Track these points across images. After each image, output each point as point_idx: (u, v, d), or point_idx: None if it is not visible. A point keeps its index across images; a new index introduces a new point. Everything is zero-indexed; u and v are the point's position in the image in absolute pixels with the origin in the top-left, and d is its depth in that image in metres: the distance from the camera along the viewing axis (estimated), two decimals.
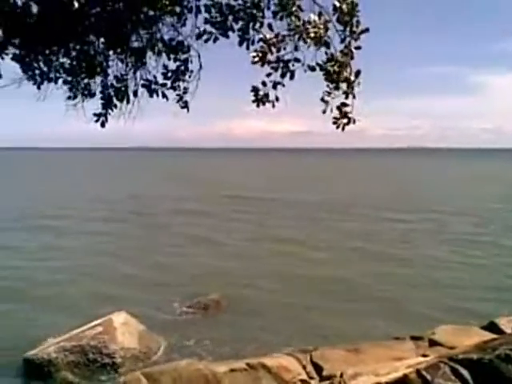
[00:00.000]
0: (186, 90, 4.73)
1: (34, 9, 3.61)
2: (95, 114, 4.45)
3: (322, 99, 3.94)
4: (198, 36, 4.21)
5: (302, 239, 25.64)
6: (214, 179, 70.97)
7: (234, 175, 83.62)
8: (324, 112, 3.94)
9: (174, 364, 10.32)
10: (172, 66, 4.61)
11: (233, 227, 29.45)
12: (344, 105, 3.98)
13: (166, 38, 4.54)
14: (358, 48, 3.92)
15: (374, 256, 22.25)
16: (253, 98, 4.25)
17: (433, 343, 10.55)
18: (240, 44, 4.22)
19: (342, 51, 3.92)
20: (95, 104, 4.53)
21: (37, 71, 4.28)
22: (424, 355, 9.16)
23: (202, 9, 4.32)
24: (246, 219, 32.54)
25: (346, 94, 3.96)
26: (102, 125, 4.46)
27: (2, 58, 4.06)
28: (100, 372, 11.04)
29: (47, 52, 4.19)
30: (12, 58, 4.12)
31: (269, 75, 4.17)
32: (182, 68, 4.62)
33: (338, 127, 4.02)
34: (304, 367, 10.12)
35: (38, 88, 4.34)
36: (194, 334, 13.14)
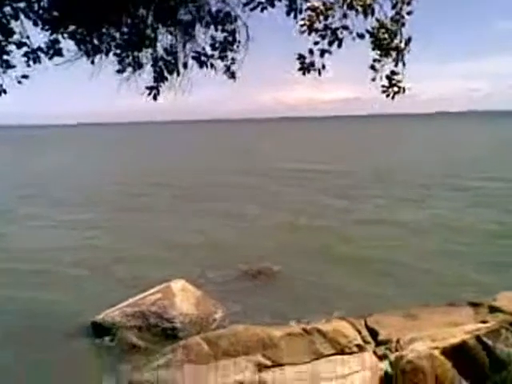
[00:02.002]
0: (233, 61, 4.75)
1: None
2: (147, 88, 4.56)
3: (372, 67, 3.81)
4: (245, 4, 4.16)
5: (352, 212, 25.19)
6: (267, 151, 70.69)
7: (282, 146, 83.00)
8: (373, 80, 3.83)
9: (231, 328, 10.63)
10: (220, 37, 4.63)
11: (279, 200, 29.27)
12: (394, 73, 3.84)
13: (213, 9, 4.55)
14: (409, 13, 3.76)
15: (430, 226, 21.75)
16: (299, 65, 4.18)
17: (493, 309, 10.28)
18: (288, 13, 4.15)
19: (392, 18, 3.77)
20: (147, 79, 4.63)
21: (90, 46, 4.42)
22: (483, 321, 8.96)
23: None
24: (295, 193, 32.16)
25: (396, 62, 3.81)
26: (154, 98, 4.57)
27: (64, 37, 4.23)
28: (161, 336, 11.54)
29: (100, 28, 4.30)
30: (69, 36, 4.28)
31: (316, 43, 4.07)
32: (230, 39, 4.62)
33: (387, 96, 3.90)
34: (359, 332, 10.16)
35: (92, 63, 4.48)
36: (248, 300, 13.44)
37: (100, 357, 11.07)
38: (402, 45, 3.79)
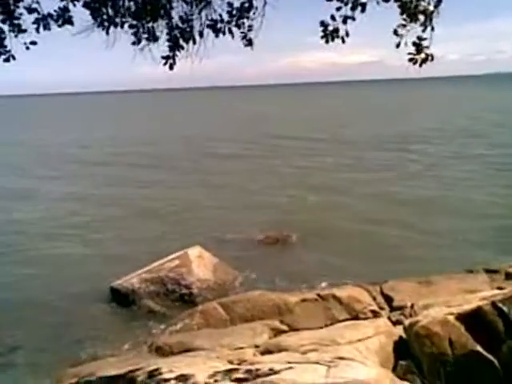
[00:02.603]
0: (250, 28, 4.60)
1: None
2: (163, 57, 4.48)
3: (395, 32, 3.59)
4: None
5: (367, 184, 24.78)
6: (280, 118, 69.75)
7: (296, 112, 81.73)
8: (398, 46, 3.62)
9: (247, 294, 10.84)
10: (236, 3, 4.50)
11: (295, 172, 28.85)
12: (421, 39, 3.61)
13: None
14: None
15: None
16: (321, 33, 3.99)
17: (509, 276, 10.28)
18: None
19: None
20: (162, 48, 4.55)
21: (105, 17, 4.34)
22: (499, 288, 8.97)
23: None
24: (311, 162, 31.68)
25: (424, 27, 3.58)
26: (171, 67, 4.49)
27: (74, 5, 4.16)
28: (178, 301, 11.79)
29: None
30: (83, 5, 4.21)
31: (338, 9, 3.87)
32: (247, 5, 4.48)
33: (414, 64, 3.68)
34: (374, 298, 10.29)
35: (107, 33, 4.40)
36: (265, 267, 13.56)
37: (118, 322, 11.35)
38: (431, 7, 3.55)
